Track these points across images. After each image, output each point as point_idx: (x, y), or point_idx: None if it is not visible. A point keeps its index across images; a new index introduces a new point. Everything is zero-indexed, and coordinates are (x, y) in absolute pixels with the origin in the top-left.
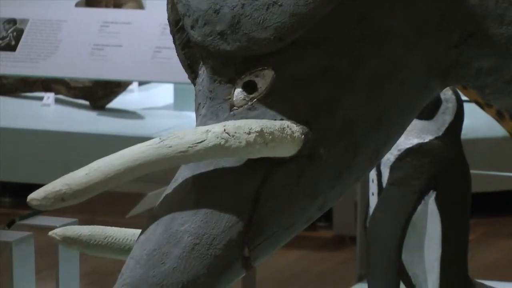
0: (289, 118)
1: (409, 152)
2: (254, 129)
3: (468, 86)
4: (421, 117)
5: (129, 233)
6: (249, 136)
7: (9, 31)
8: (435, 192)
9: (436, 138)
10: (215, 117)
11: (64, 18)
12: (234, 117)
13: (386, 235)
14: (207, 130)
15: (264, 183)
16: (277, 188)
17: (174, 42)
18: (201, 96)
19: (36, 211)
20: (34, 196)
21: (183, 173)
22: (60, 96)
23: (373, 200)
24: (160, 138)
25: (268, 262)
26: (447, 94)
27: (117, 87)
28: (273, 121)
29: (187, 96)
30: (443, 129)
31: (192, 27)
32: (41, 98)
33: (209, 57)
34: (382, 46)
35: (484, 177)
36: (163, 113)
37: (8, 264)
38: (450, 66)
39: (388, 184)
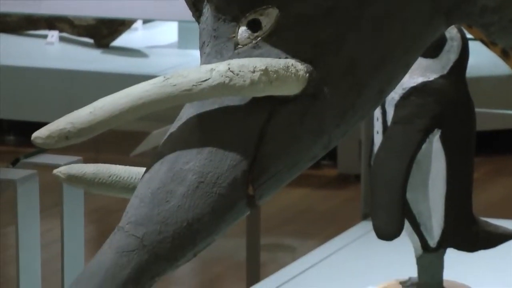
0: (294, 56)
1: (413, 91)
2: (258, 67)
3: (472, 24)
4: (426, 55)
5: (134, 172)
6: (254, 74)
7: None
8: (439, 131)
9: (441, 76)
10: (219, 56)
11: None
12: (239, 55)
13: (391, 173)
14: (212, 69)
15: (268, 122)
16: (281, 127)
17: None
18: (205, 34)
19: (41, 149)
20: (38, 134)
21: (188, 112)
22: (64, 34)
23: (378, 139)
24: (164, 77)
25: (272, 200)
26: (452, 32)
27: (121, 25)
28: (277, 59)
29: (191, 35)
30: (448, 67)
31: None
32: (45, 36)
33: None
34: None
35: (489, 115)
36: (167, 52)
37: (13, 202)
38: (455, 4)
39: (392, 123)
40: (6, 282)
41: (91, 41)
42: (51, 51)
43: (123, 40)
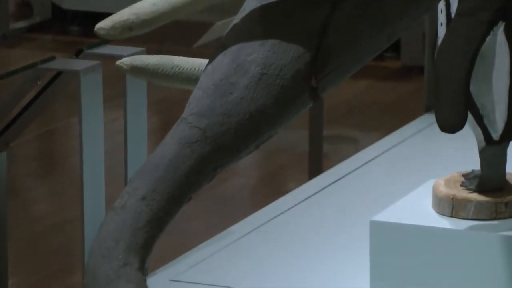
0: None
1: None
2: None
3: None
4: None
5: (197, 63)
6: None
7: None
8: (504, 23)
9: None
10: None
11: None
12: None
13: (454, 65)
14: None
15: (331, 14)
16: (345, 19)
17: None
18: None
19: (104, 40)
20: (102, 25)
21: (251, 3)
22: None
23: (441, 31)
24: None
25: (335, 92)
26: None
27: None
28: None
29: None
30: None
31: None
32: None
33: None
34: None
35: None
36: None
37: (76, 93)
38: None
39: (456, 15)
40: (70, 172)
41: None
42: None
43: None
